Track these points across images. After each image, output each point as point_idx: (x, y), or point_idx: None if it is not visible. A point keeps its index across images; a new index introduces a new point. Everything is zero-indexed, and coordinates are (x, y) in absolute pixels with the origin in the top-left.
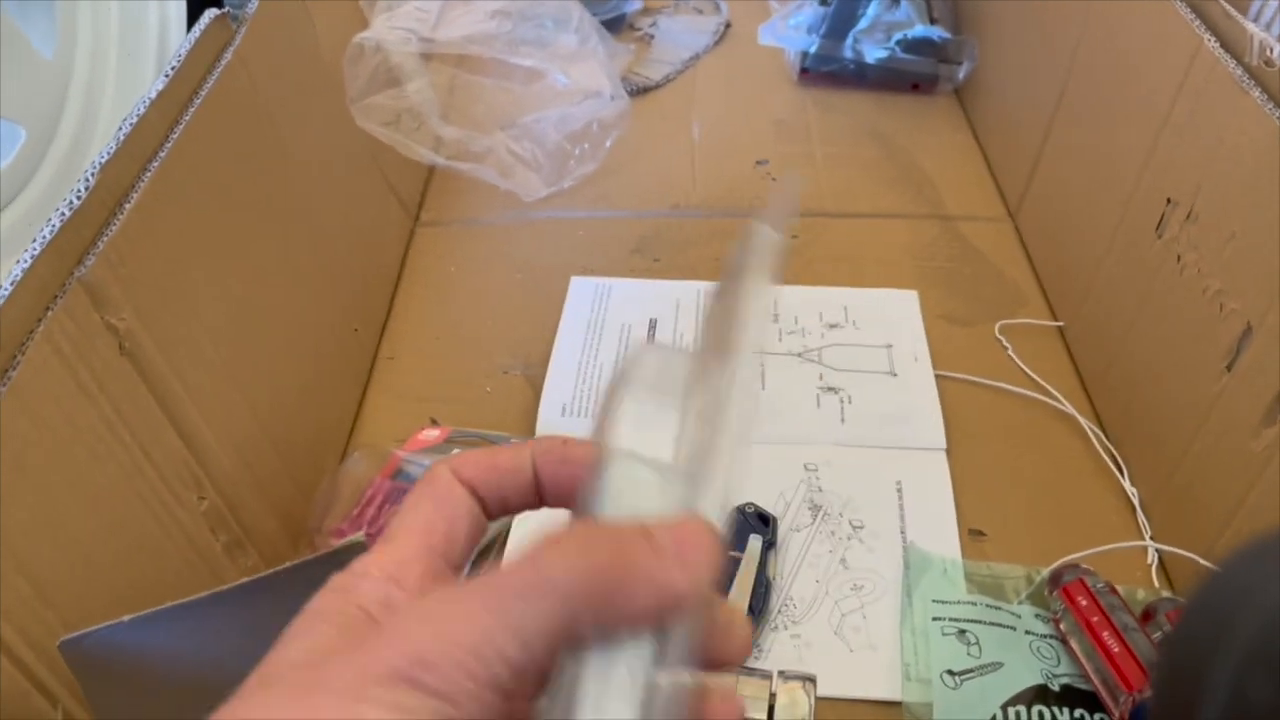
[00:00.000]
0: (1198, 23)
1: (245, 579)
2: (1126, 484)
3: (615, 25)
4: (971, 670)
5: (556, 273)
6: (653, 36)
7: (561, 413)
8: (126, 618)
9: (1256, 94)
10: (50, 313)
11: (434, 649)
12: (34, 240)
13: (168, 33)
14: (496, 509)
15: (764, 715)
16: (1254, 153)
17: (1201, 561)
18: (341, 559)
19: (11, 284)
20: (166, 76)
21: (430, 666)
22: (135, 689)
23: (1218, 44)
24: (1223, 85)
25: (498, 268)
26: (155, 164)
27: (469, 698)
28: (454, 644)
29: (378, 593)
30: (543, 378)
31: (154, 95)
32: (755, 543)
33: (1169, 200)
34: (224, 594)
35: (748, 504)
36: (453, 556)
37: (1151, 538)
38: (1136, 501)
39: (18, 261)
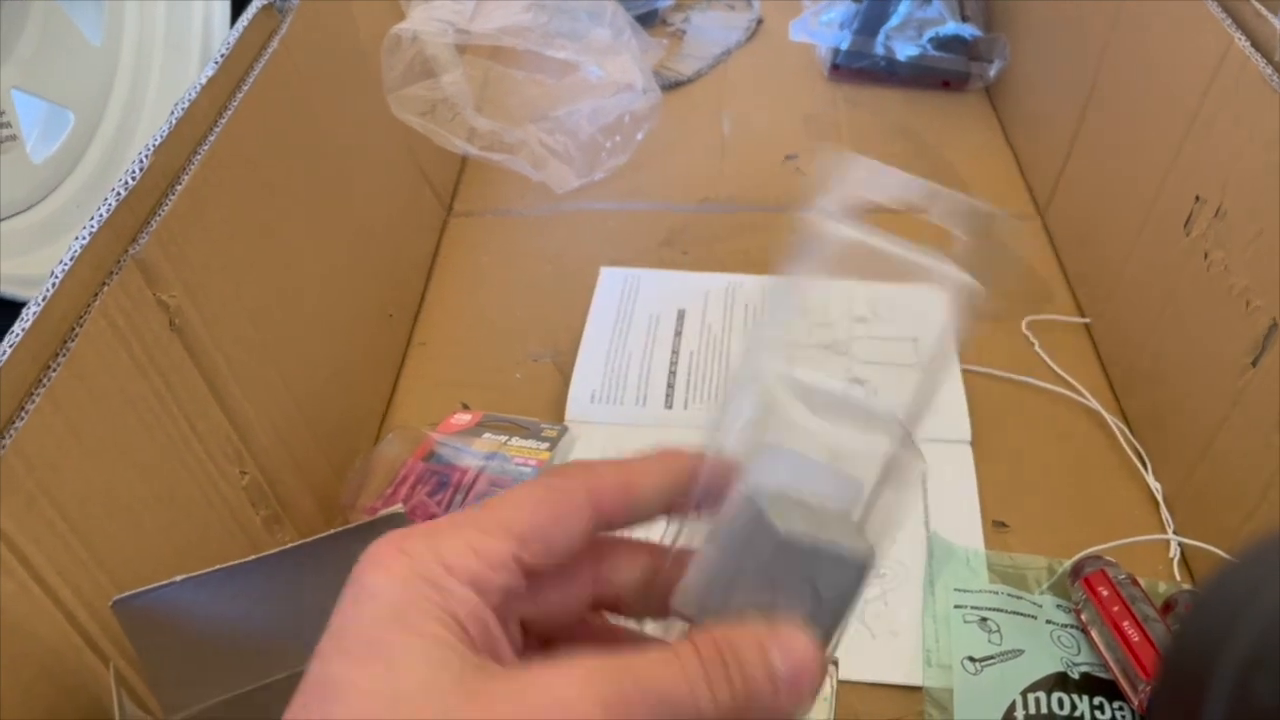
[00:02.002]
0: (1228, 21)
1: (291, 544)
2: (1150, 479)
3: (648, 20)
4: (992, 657)
5: (587, 263)
6: (685, 32)
7: (591, 399)
8: (178, 578)
9: None
10: (106, 288)
11: None
12: (91, 218)
13: (211, 24)
14: (621, 520)
15: None
16: None
17: (1223, 555)
18: (380, 530)
19: (71, 258)
20: (216, 64)
21: None
22: (183, 648)
23: (1248, 42)
24: (1252, 83)
25: (529, 258)
26: (205, 148)
27: None
28: None
29: (468, 604)
30: (572, 366)
31: (204, 81)
32: None
33: (1197, 198)
34: (270, 558)
35: None
36: (546, 555)
37: (1175, 532)
38: (1160, 496)
39: (76, 238)
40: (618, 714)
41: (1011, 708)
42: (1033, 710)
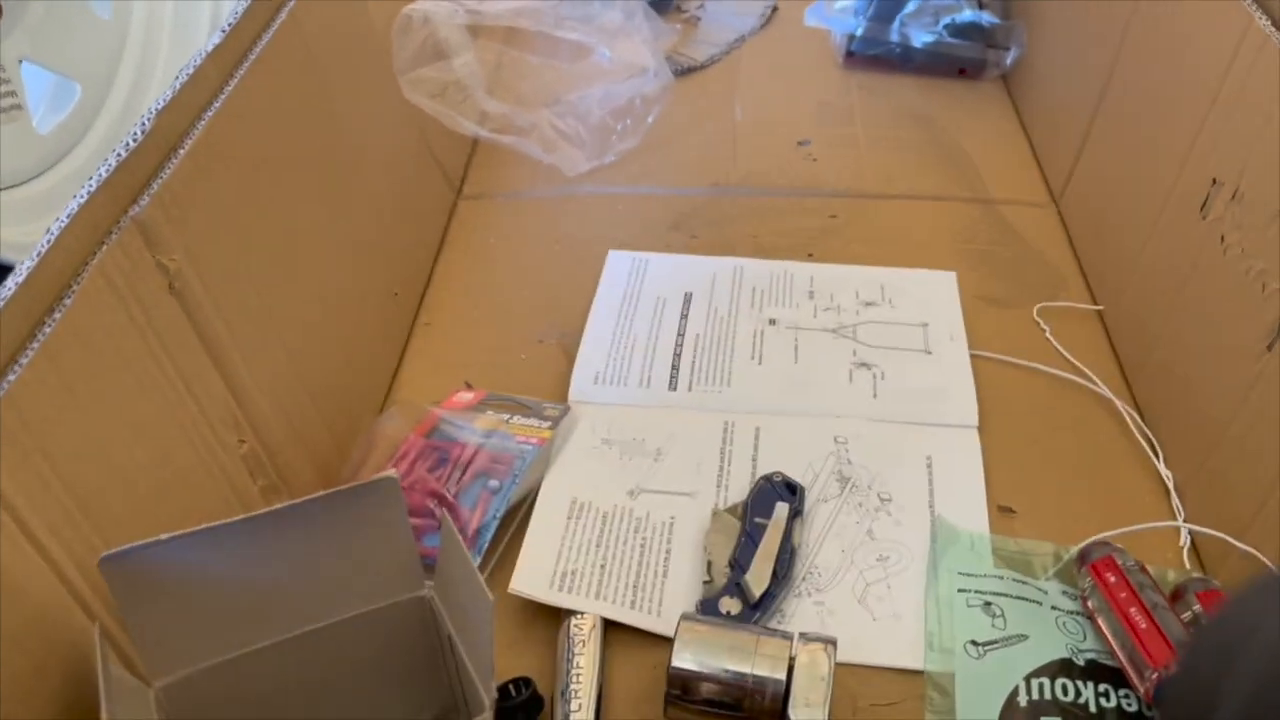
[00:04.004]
0: (1249, 1)
1: (280, 505)
2: (1161, 467)
3: (663, 6)
4: (995, 641)
5: (595, 246)
6: (699, 18)
7: (595, 380)
8: (164, 536)
9: None
10: (105, 247)
11: None
12: (91, 178)
13: (220, 3)
14: None
15: (784, 675)
16: None
17: (1233, 543)
18: (373, 492)
19: (69, 216)
20: (223, 32)
21: None
22: (170, 610)
23: (1268, 22)
24: (1272, 62)
25: (537, 240)
26: (209, 114)
27: None
28: None
29: None
30: (577, 347)
31: (210, 49)
32: (781, 510)
33: (1214, 180)
34: (261, 518)
35: (775, 473)
36: None
37: (1185, 520)
38: (1171, 484)
39: (75, 196)
40: None
41: (1014, 693)
42: (1036, 696)
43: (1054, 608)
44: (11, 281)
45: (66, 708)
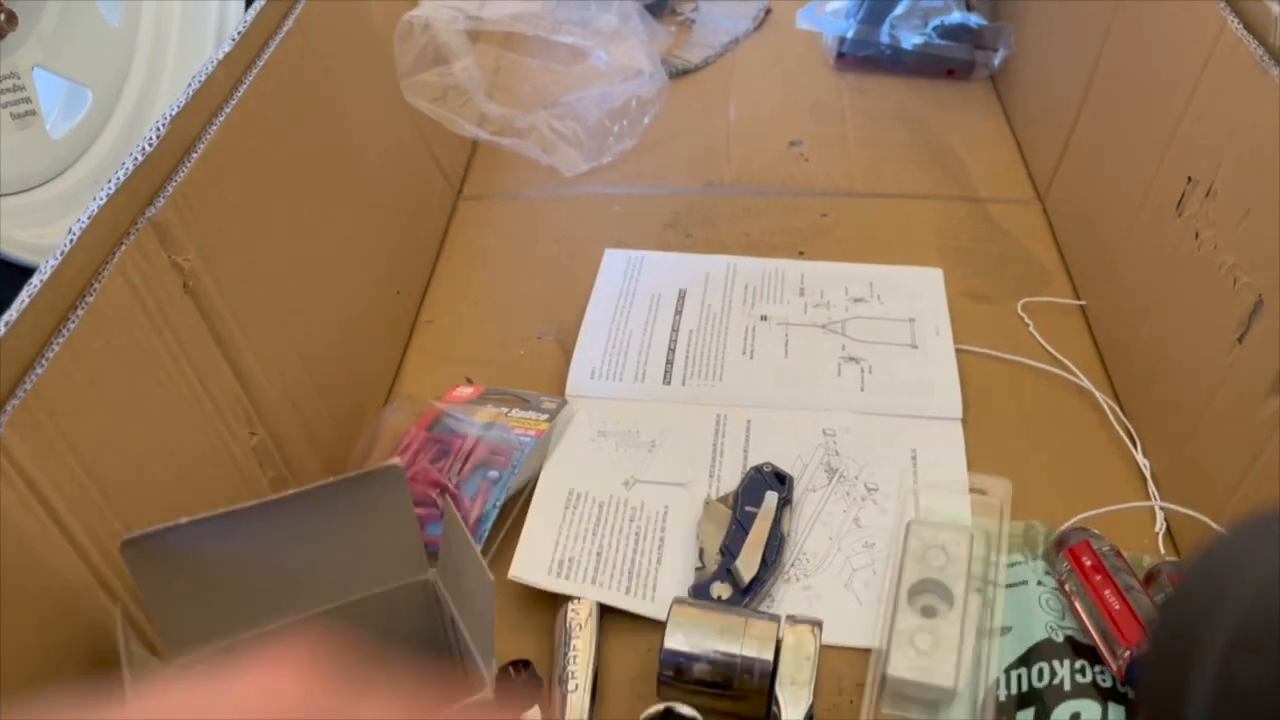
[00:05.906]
0: (1222, 5)
1: (291, 491)
2: (1139, 456)
3: (657, 9)
4: None
5: (591, 245)
6: (694, 21)
7: (591, 375)
8: (183, 519)
9: (1276, 73)
10: (123, 247)
11: None
12: (109, 180)
13: (226, 13)
14: None
15: (771, 655)
16: (1271, 130)
17: (1208, 522)
18: (380, 480)
19: (89, 217)
20: (233, 40)
21: None
22: (187, 590)
23: (1241, 25)
24: (1244, 65)
25: (535, 240)
26: (220, 119)
27: None
28: None
29: None
30: (574, 343)
31: (221, 56)
32: (771, 499)
33: (1190, 179)
34: (272, 504)
35: (765, 464)
36: None
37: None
38: (1148, 472)
39: (94, 198)
40: None
41: (994, 685)
42: (1014, 690)
43: (1039, 583)
44: (36, 279)
45: (91, 682)
